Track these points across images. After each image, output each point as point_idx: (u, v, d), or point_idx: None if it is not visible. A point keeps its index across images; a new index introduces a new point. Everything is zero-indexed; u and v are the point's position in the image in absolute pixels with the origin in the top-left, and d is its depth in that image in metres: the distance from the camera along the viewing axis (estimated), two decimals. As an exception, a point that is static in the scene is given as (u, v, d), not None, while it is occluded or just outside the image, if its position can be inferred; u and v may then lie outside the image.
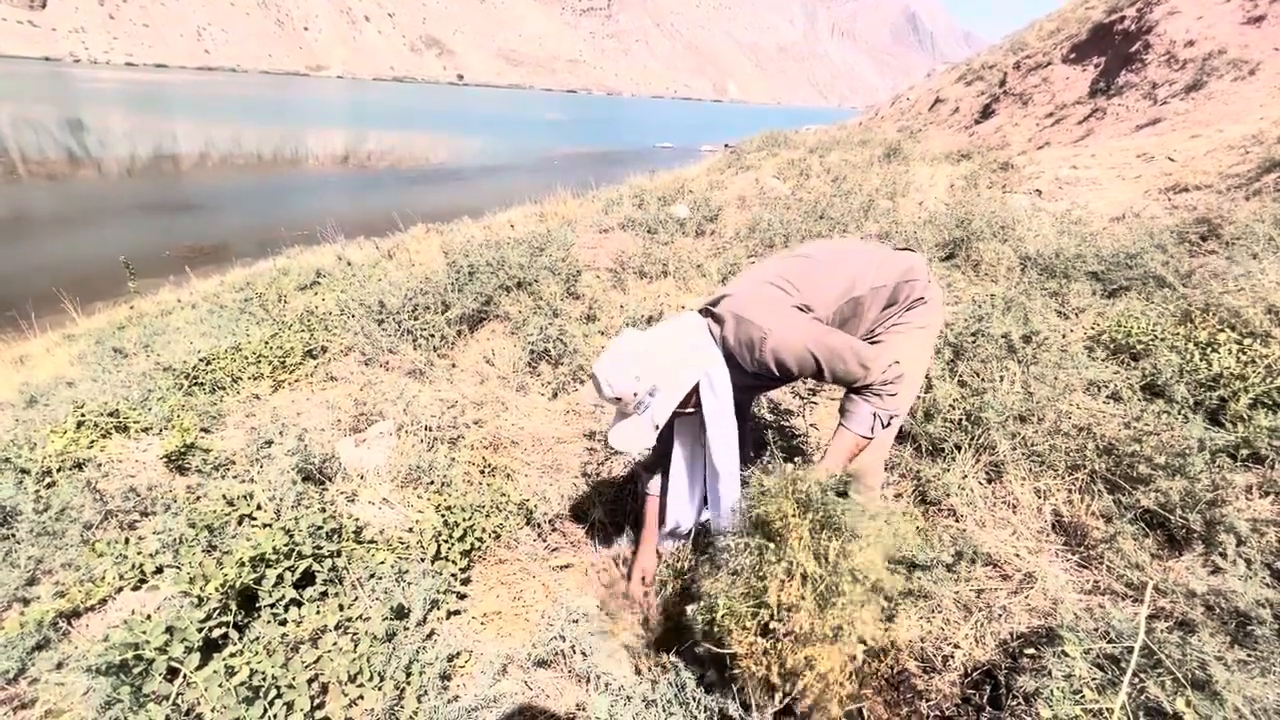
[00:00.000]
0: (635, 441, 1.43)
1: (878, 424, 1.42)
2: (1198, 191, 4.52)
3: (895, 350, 1.53)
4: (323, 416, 2.73)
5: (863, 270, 1.53)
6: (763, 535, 1.23)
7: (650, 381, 1.41)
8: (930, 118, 13.28)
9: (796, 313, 1.42)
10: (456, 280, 3.84)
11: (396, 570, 1.76)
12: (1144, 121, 7.14)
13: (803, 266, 1.53)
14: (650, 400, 1.43)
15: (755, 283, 1.50)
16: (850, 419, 1.44)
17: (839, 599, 1.12)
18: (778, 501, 1.21)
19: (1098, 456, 1.92)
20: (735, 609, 1.20)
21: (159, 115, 41.30)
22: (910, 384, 1.55)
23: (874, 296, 1.54)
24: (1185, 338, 2.42)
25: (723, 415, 1.51)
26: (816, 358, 1.36)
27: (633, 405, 1.42)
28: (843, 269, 1.52)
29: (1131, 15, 9.12)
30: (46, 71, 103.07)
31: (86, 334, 6.06)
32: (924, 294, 1.60)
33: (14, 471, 2.31)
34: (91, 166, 22.04)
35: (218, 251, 11.50)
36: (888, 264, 1.56)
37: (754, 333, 1.40)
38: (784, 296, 1.45)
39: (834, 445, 1.46)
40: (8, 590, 1.82)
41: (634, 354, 1.41)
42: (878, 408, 1.41)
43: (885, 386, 1.40)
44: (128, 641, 1.40)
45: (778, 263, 1.60)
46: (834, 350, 1.36)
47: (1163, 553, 1.65)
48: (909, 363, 1.51)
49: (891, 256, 1.60)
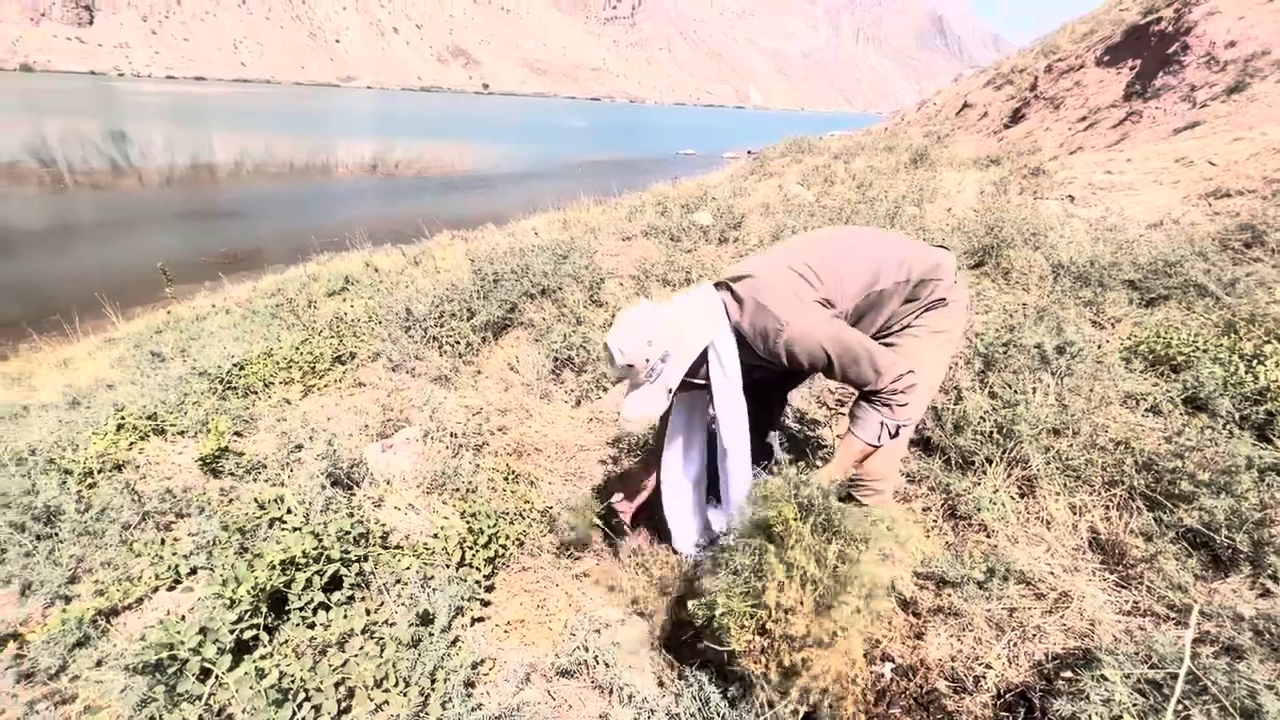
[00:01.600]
0: (647, 411, 1.44)
1: (885, 433, 1.41)
2: (1240, 197, 4.37)
3: (910, 357, 1.50)
4: (351, 422, 2.78)
5: (888, 263, 1.49)
6: (764, 537, 1.23)
7: (662, 347, 1.42)
8: (958, 122, 13.08)
9: (817, 308, 1.40)
10: (481, 287, 3.89)
11: (422, 576, 1.78)
12: (1182, 125, 6.94)
13: (829, 254, 1.50)
14: (662, 367, 1.43)
15: (779, 267, 1.48)
16: (858, 425, 1.43)
17: (836, 603, 1.13)
18: (778, 505, 1.22)
19: (1136, 472, 1.86)
20: (734, 608, 1.20)
21: (197, 126, 42.67)
22: (923, 393, 1.51)
23: (895, 291, 1.50)
24: (1229, 349, 2.34)
25: (731, 390, 1.50)
26: (830, 356, 1.35)
27: (645, 372, 1.43)
28: (868, 261, 1.49)
29: (1169, 16, 8.88)
30: (92, 85, 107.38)
31: (126, 338, 6.27)
32: (947, 295, 1.55)
33: (58, 472, 2.40)
34: (133, 176, 22.84)
35: (250, 257, 11.81)
36: (915, 257, 1.52)
37: (771, 322, 1.39)
38: (807, 288, 1.42)
39: (841, 451, 1.46)
40: (51, 588, 1.88)
41: (645, 321, 1.42)
42: (886, 417, 1.40)
43: (895, 396, 1.38)
44: (163, 641, 1.43)
45: (804, 245, 1.56)
46: (849, 351, 1.35)
47: (1207, 574, 1.59)
48: (922, 370, 1.48)
49: (921, 251, 1.56)
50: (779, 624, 1.15)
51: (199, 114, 55.50)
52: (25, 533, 2.07)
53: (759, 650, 1.19)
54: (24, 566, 1.97)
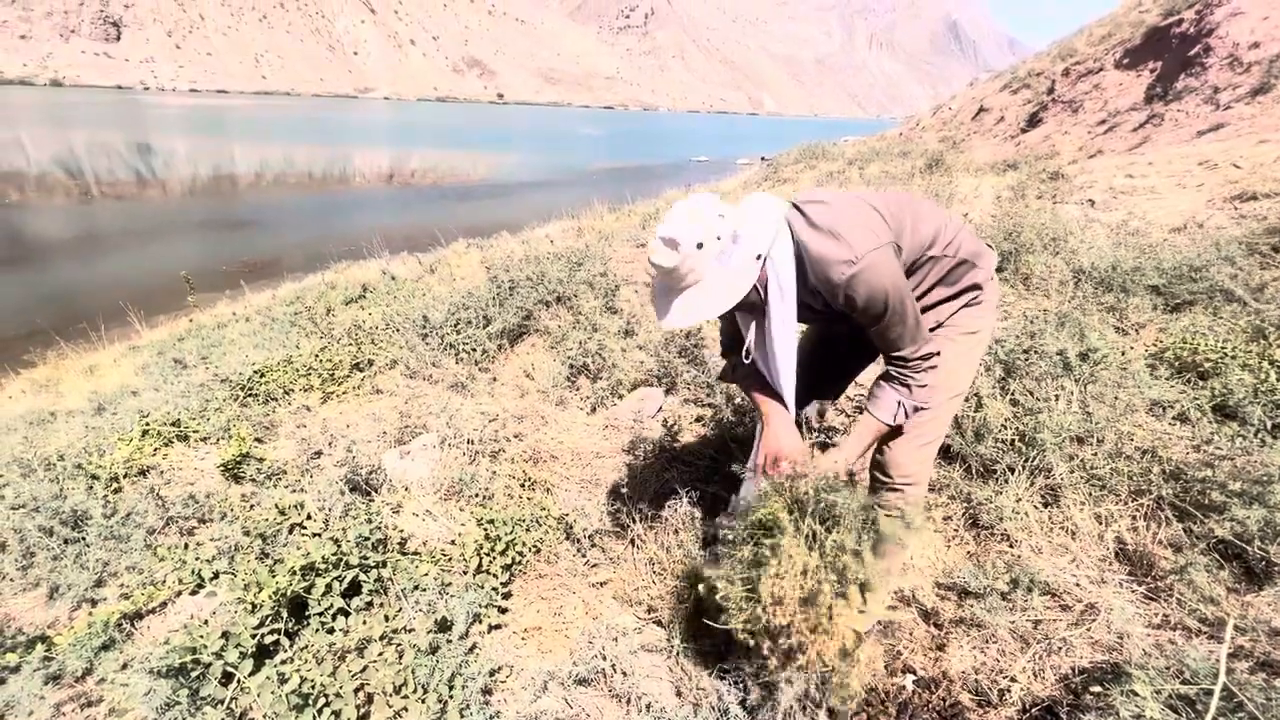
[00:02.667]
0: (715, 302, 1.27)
1: (902, 412, 1.38)
2: (1267, 200, 4.28)
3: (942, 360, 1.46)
4: (369, 428, 2.81)
5: (945, 229, 1.42)
6: (760, 530, 1.25)
7: (732, 225, 1.26)
8: (973, 127, 12.98)
9: (891, 250, 1.29)
10: (497, 295, 3.92)
11: (440, 582, 1.78)
12: (1205, 127, 6.82)
13: (900, 201, 1.42)
14: (734, 249, 1.26)
15: (854, 199, 1.36)
16: (874, 404, 1.41)
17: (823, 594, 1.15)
18: (771, 505, 1.22)
19: (1164, 481, 1.82)
20: (733, 594, 1.22)
21: (219, 138, 43.63)
22: (949, 387, 1.46)
23: (940, 261, 1.42)
24: (1259, 355, 2.28)
25: (786, 316, 1.35)
26: (888, 305, 1.26)
27: (713, 253, 1.24)
28: (931, 220, 1.41)
29: (1190, 18, 8.76)
30: (118, 99, 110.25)
31: (150, 345, 6.40)
32: (984, 286, 1.48)
33: (85, 477, 2.45)
34: (157, 187, 23.40)
35: (270, 266, 12.01)
36: (965, 235, 1.45)
37: (842, 252, 1.25)
38: (883, 227, 1.31)
39: (855, 430, 1.43)
40: (78, 591, 1.92)
41: (710, 201, 1.28)
42: (903, 396, 1.37)
43: (916, 375, 1.35)
44: (186, 645, 1.45)
45: (871, 192, 1.46)
46: (904, 306, 1.28)
47: (1239, 586, 1.54)
48: (953, 367, 1.44)
49: (971, 233, 1.49)
50: (768, 613, 1.17)
51: (221, 126, 56.73)
52: (54, 537, 2.11)
53: (760, 631, 1.21)
54: (52, 570, 2.01)
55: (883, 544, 1.30)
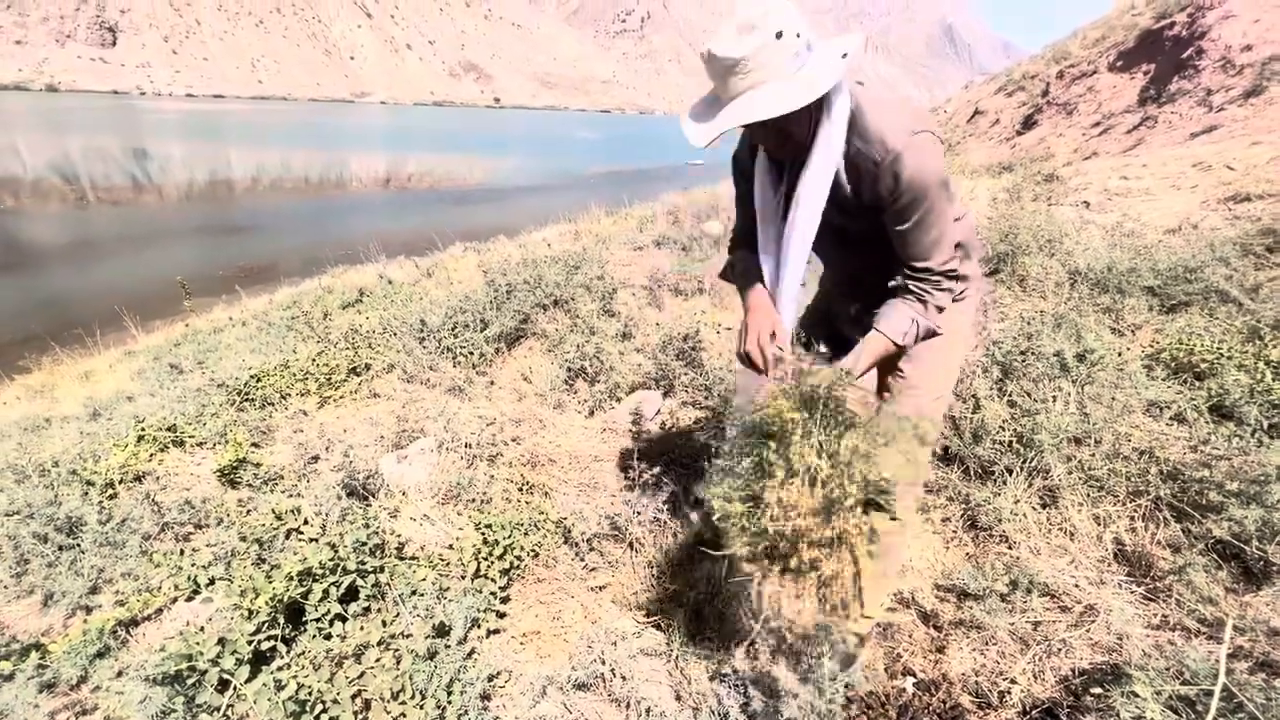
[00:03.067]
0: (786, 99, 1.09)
1: (915, 330, 1.27)
2: (1261, 201, 4.31)
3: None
4: (366, 433, 2.80)
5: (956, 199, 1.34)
6: (762, 435, 1.14)
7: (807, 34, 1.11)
8: (969, 130, 13.04)
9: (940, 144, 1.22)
10: (495, 298, 3.91)
11: (437, 587, 1.77)
12: (1199, 129, 6.87)
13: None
14: (808, 54, 1.11)
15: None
16: (883, 320, 1.28)
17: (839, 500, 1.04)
18: (777, 404, 1.09)
19: (1162, 482, 1.82)
20: (734, 511, 1.11)
21: (215, 143, 43.53)
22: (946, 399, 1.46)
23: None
24: (1255, 356, 2.29)
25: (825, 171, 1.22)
26: (929, 199, 1.17)
27: (789, 51, 1.08)
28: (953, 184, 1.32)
29: (1183, 21, 8.82)
30: (114, 104, 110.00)
31: (146, 350, 6.37)
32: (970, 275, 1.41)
33: (80, 483, 2.43)
34: (153, 192, 23.32)
35: (267, 271, 11.97)
36: (969, 221, 1.41)
37: (898, 130, 1.15)
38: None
39: (860, 347, 1.28)
40: (73, 598, 1.90)
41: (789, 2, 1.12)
42: (918, 314, 1.26)
43: (937, 293, 1.26)
44: (182, 652, 1.44)
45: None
46: (942, 207, 1.20)
47: (1238, 587, 1.55)
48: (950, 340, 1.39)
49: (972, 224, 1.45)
50: (777, 521, 1.06)
51: (217, 130, 56.63)
52: (48, 543, 2.09)
53: (761, 553, 1.11)
54: (46, 577, 2.00)
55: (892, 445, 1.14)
